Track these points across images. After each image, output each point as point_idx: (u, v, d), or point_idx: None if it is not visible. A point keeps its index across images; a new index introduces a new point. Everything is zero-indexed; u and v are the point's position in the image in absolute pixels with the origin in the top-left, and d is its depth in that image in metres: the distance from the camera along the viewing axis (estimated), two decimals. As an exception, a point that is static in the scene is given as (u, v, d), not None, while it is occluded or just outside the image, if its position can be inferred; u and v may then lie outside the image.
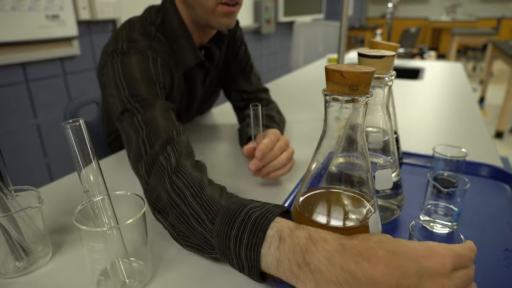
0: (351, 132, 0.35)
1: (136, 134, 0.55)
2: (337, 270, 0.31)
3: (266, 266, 0.36)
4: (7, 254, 0.41)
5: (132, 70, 0.62)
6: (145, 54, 0.64)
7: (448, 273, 0.31)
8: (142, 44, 0.65)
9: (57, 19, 1.44)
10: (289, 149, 0.62)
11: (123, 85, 0.61)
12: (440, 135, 0.86)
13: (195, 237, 0.42)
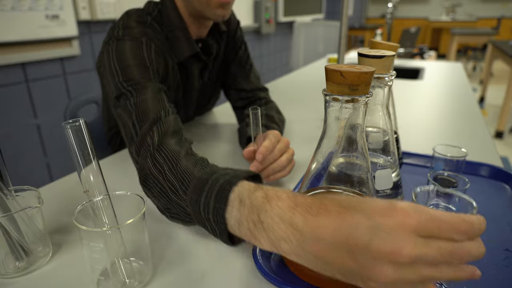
0: (351, 132, 0.35)
1: (129, 117, 0.57)
2: (287, 227, 0.31)
3: (231, 228, 0.39)
4: (7, 254, 0.41)
5: (126, 55, 0.63)
6: (139, 40, 0.65)
7: (412, 236, 0.27)
8: (137, 31, 0.66)
9: (57, 19, 1.44)
10: (289, 151, 0.62)
11: (117, 70, 0.62)
12: (440, 135, 0.86)
13: (174, 208, 0.46)
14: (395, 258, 0.27)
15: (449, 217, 0.28)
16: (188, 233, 0.48)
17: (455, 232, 0.27)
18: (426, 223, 0.27)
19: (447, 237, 0.28)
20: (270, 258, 0.42)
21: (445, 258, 0.27)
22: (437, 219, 0.27)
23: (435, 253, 0.27)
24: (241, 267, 0.42)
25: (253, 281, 0.39)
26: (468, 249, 0.28)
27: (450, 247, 0.27)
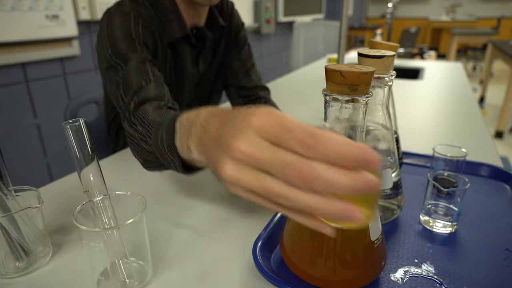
0: (351, 132, 0.35)
1: (117, 89, 0.63)
2: (199, 130, 0.37)
3: (181, 153, 0.43)
4: (7, 254, 0.41)
5: (114, 28, 0.66)
6: (128, 16, 0.67)
7: (254, 135, 0.26)
8: (127, 7, 0.69)
9: (57, 19, 1.44)
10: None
11: (106, 43, 0.66)
12: (440, 135, 0.86)
13: (148, 156, 0.53)
14: (231, 152, 0.27)
15: (301, 128, 0.25)
16: (188, 233, 0.49)
17: (299, 144, 0.25)
18: (272, 126, 0.26)
19: (290, 147, 0.25)
20: (270, 258, 0.42)
21: (280, 168, 0.25)
22: (285, 125, 0.26)
23: (269, 158, 0.25)
24: (241, 267, 0.42)
25: (253, 281, 0.39)
26: (317, 171, 0.24)
27: (289, 158, 0.25)
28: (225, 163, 0.28)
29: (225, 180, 0.29)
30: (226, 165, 0.28)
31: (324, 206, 0.25)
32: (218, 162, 0.29)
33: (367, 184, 0.24)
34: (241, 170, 0.28)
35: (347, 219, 0.25)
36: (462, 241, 0.46)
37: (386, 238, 0.46)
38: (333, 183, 0.24)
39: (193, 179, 0.64)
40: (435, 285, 0.38)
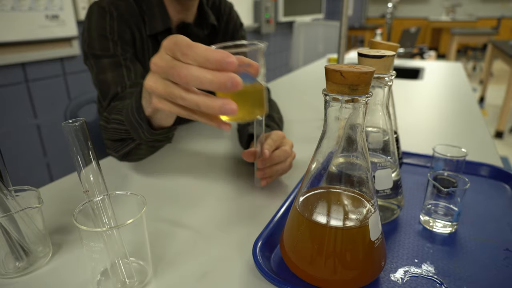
0: (351, 132, 0.35)
1: (96, 87, 0.69)
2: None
3: (146, 110, 0.48)
4: (7, 254, 0.41)
5: (91, 27, 0.69)
6: (104, 11, 0.69)
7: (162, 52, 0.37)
8: (106, 1, 0.70)
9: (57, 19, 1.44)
10: (292, 154, 0.61)
11: (85, 38, 0.69)
12: (440, 135, 0.86)
13: (118, 134, 0.58)
14: (150, 66, 0.38)
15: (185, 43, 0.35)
16: (188, 233, 0.49)
17: (181, 53, 0.35)
18: (171, 45, 0.36)
19: (177, 57, 0.35)
20: (270, 258, 0.42)
21: (170, 72, 0.35)
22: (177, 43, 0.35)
23: (164, 65, 0.36)
24: (241, 267, 0.42)
25: (253, 281, 0.39)
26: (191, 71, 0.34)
27: (175, 63, 0.35)
28: (147, 77, 0.39)
29: (148, 91, 0.42)
30: (147, 78, 0.39)
31: (209, 102, 0.36)
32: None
33: (228, 78, 0.34)
34: (154, 80, 0.38)
35: (227, 111, 0.35)
36: (462, 241, 0.46)
37: (386, 238, 0.46)
38: (202, 79, 0.34)
39: (193, 179, 0.64)
40: (435, 285, 0.38)
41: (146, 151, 0.63)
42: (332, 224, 0.36)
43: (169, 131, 0.55)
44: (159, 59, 0.37)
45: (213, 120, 0.40)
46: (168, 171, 0.67)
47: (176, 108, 0.40)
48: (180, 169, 0.68)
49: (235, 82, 0.34)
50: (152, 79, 0.39)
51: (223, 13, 0.87)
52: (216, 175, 0.65)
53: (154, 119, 0.51)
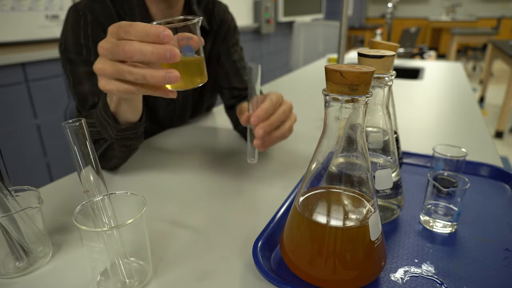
0: (351, 132, 0.35)
1: (73, 98, 0.70)
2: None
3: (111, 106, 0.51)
4: (7, 254, 0.41)
5: (67, 29, 0.68)
6: (79, 13, 0.68)
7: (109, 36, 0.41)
8: (82, 3, 0.70)
9: (57, 19, 1.44)
10: (291, 116, 0.58)
11: (61, 42, 0.69)
12: (440, 135, 0.86)
13: (93, 136, 0.58)
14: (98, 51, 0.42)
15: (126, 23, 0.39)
16: (188, 233, 0.49)
17: (123, 32, 0.39)
18: (115, 27, 0.40)
19: (120, 36, 0.39)
20: (270, 258, 0.42)
21: (116, 50, 0.39)
22: (119, 25, 0.39)
23: (110, 46, 0.40)
24: (241, 267, 0.42)
25: (253, 281, 0.39)
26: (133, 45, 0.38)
27: (118, 42, 0.39)
28: (96, 61, 0.43)
29: (98, 74, 0.43)
30: (96, 62, 0.43)
31: (154, 72, 0.39)
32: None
33: (167, 49, 0.38)
34: (102, 62, 0.42)
35: (171, 78, 0.39)
36: (462, 241, 0.46)
37: (386, 238, 0.46)
38: (144, 51, 0.38)
39: (193, 179, 0.64)
40: (435, 285, 0.38)
41: (119, 153, 0.62)
42: (332, 224, 0.36)
43: (136, 127, 0.57)
44: (105, 42, 0.41)
45: (160, 90, 0.44)
46: (168, 171, 0.67)
47: (124, 85, 0.43)
48: (180, 169, 0.68)
49: (174, 53, 0.38)
50: (100, 61, 0.42)
51: (216, 15, 0.85)
52: (216, 175, 0.65)
53: (119, 114, 0.53)
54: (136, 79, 0.41)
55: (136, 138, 0.59)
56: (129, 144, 0.61)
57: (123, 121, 0.55)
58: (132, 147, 0.63)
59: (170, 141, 0.83)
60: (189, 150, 0.78)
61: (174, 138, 0.86)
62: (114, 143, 0.58)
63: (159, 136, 0.87)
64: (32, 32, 1.37)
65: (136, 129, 0.57)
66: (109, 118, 0.53)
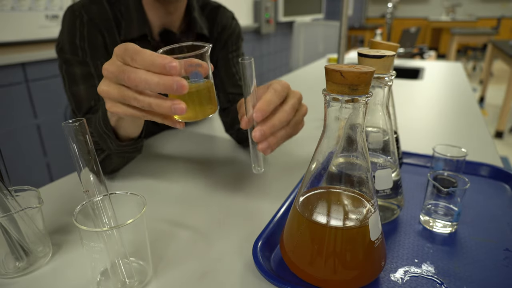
0: (351, 132, 0.35)
1: (68, 100, 0.68)
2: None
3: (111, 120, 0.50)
4: (7, 254, 0.41)
5: (64, 28, 0.68)
6: (75, 14, 0.68)
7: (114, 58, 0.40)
8: (78, 5, 0.69)
9: (57, 19, 1.44)
10: (301, 109, 0.50)
11: (58, 41, 0.68)
12: (440, 135, 0.86)
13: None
14: (103, 72, 0.40)
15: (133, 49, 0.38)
16: (188, 233, 0.49)
17: (130, 59, 0.38)
18: (121, 51, 0.38)
19: (127, 62, 0.38)
20: (270, 258, 0.42)
21: (121, 76, 0.38)
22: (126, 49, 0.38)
23: (115, 70, 0.39)
24: (241, 267, 0.42)
25: (253, 281, 0.39)
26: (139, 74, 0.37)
27: (125, 68, 0.38)
28: (100, 82, 0.42)
29: (103, 96, 0.42)
30: (100, 83, 0.42)
31: (160, 102, 0.38)
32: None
33: (174, 81, 0.36)
34: (107, 84, 0.41)
35: (177, 110, 0.38)
36: (462, 241, 0.46)
37: (386, 238, 0.46)
38: (149, 81, 0.37)
39: (193, 179, 0.64)
40: (435, 285, 0.38)
41: (118, 162, 0.62)
42: (332, 224, 0.36)
43: (136, 143, 0.56)
44: (111, 65, 0.40)
45: (167, 119, 0.43)
46: (168, 171, 0.67)
47: (130, 110, 0.42)
48: (180, 169, 0.68)
49: (180, 85, 0.37)
50: (105, 83, 0.41)
51: (219, 22, 0.84)
52: (216, 175, 0.65)
53: (119, 129, 0.52)
54: (142, 106, 0.40)
55: (135, 151, 0.58)
56: (128, 156, 0.61)
57: (123, 135, 0.54)
58: (130, 158, 0.63)
59: (170, 141, 0.83)
60: (189, 150, 0.78)
61: (174, 138, 0.86)
62: (112, 154, 0.58)
63: (159, 136, 0.87)
64: (32, 32, 1.37)
65: (136, 145, 0.56)
66: (109, 132, 0.52)
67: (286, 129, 0.48)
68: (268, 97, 0.45)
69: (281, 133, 0.48)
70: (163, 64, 0.36)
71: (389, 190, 0.48)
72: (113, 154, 0.58)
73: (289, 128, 0.49)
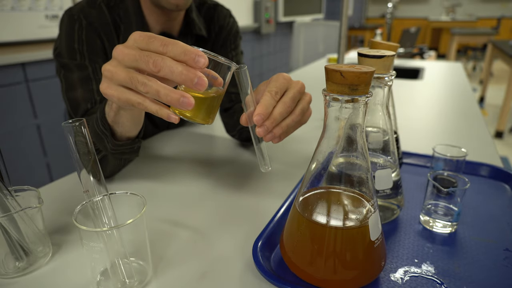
0: (351, 132, 0.35)
1: (65, 103, 0.68)
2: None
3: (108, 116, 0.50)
4: (7, 254, 0.41)
5: (62, 32, 0.67)
6: (73, 18, 0.67)
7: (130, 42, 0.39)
8: (76, 9, 0.69)
9: (57, 19, 1.44)
10: (304, 98, 0.51)
11: (56, 46, 0.68)
12: (440, 135, 0.86)
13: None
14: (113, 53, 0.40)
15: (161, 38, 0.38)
16: (188, 233, 0.49)
17: (160, 45, 0.37)
18: (144, 37, 0.38)
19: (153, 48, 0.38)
20: (270, 258, 0.42)
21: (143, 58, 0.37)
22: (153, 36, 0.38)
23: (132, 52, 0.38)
24: (241, 267, 0.42)
25: (253, 281, 0.39)
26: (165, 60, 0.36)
27: (146, 52, 0.38)
28: (107, 63, 0.40)
29: (104, 75, 0.41)
30: (107, 63, 0.40)
31: (169, 91, 0.37)
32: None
33: (197, 75, 0.36)
34: (115, 65, 0.40)
35: (184, 103, 0.37)
36: (462, 241, 0.46)
37: (386, 238, 0.46)
38: (174, 69, 0.36)
39: (193, 179, 0.64)
40: (435, 285, 0.38)
41: (114, 164, 0.61)
42: (332, 224, 0.36)
43: (133, 143, 0.55)
44: (128, 47, 0.39)
45: (163, 111, 0.41)
46: (168, 171, 0.67)
47: (126, 95, 0.40)
48: (180, 169, 0.68)
49: (202, 81, 0.36)
50: (113, 64, 0.40)
51: (216, 22, 0.84)
52: (216, 175, 0.65)
53: (117, 126, 0.51)
54: (147, 92, 0.38)
55: (132, 153, 0.58)
56: (124, 158, 0.60)
57: (121, 135, 0.53)
58: (127, 160, 0.62)
59: (170, 142, 0.83)
60: (189, 150, 0.78)
61: (173, 138, 0.86)
62: (108, 154, 0.57)
63: (159, 137, 0.87)
64: (32, 32, 1.37)
65: (133, 145, 0.56)
66: (106, 131, 0.52)
67: (292, 117, 0.48)
68: (265, 101, 0.45)
69: (287, 121, 0.47)
70: (194, 55, 0.36)
71: (389, 190, 0.48)
72: (109, 155, 0.57)
73: (296, 116, 0.48)
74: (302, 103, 0.50)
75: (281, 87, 0.48)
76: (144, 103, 0.41)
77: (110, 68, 0.40)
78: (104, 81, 0.41)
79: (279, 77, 0.49)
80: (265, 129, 0.45)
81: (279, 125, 0.46)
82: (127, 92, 0.40)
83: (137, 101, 0.40)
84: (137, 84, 0.38)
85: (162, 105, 0.41)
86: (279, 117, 0.46)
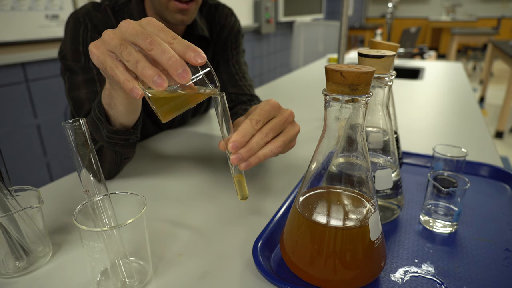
0: (351, 132, 0.35)
1: (69, 103, 0.69)
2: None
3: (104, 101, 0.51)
4: (7, 254, 0.41)
5: (67, 35, 0.68)
6: (79, 21, 0.68)
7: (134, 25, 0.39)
8: (81, 12, 0.69)
9: (57, 19, 1.45)
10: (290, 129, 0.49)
11: (61, 49, 0.69)
12: (440, 135, 0.86)
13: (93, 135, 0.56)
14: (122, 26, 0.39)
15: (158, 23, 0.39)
16: (188, 233, 0.49)
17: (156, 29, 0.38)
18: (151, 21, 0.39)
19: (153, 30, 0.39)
20: (270, 258, 0.42)
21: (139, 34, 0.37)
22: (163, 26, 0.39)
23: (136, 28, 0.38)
24: (241, 267, 0.42)
25: (253, 281, 0.39)
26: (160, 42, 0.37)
27: (148, 32, 0.38)
28: (112, 29, 0.40)
29: (101, 38, 0.41)
30: (111, 30, 0.40)
31: (146, 66, 0.37)
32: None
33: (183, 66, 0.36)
34: (116, 33, 0.40)
35: (158, 80, 0.36)
36: (462, 241, 0.46)
37: (386, 238, 0.46)
38: (165, 51, 0.36)
39: (193, 179, 0.64)
40: (435, 285, 0.38)
41: (110, 159, 0.59)
42: (332, 224, 0.36)
43: (128, 133, 0.55)
44: (132, 23, 0.39)
45: (128, 83, 0.39)
46: (168, 171, 0.67)
47: (104, 56, 0.40)
48: (180, 169, 0.68)
49: (185, 73, 0.36)
50: (115, 31, 0.40)
51: (217, 21, 0.84)
52: (216, 175, 0.65)
53: (110, 109, 0.51)
54: (128, 60, 0.38)
55: (128, 146, 0.57)
56: (120, 151, 0.58)
57: (115, 119, 0.52)
58: (123, 156, 0.60)
59: (170, 142, 0.83)
60: (189, 150, 0.78)
61: (173, 138, 0.86)
62: (104, 145, 0.56)
63: (159, 137, 0.87)
64: (32, 32, 1.37)
65: (127, 135, 0.55)
66: (102, 116, 0.52)
67: (271, 148, 0.47)
68: (243, 129, 0.44)
69: (264, 151, 0.46)
70: (198, 51, 0.36)
71: (389, 190, 0.48)
72: (105, 146, 0.56)
73: (275, 148, 0.47)
74: (286, 135, 0.48)
75: (265, 115, 0.47)
76: (116, 69, 0.40)
77: (110, 33, 0.40)
78: (97, 41, 0.41)
79: (266, 104, 0.48)
80: (238, 157, 0.43)
81: (256, 155, 0.45)
82: (107, 55, 0.40)
83: (110, 65, 0.40)
84: (123, 50, 0.38)
85: (132, 79, 0.39)
86: (256, 146, 0.44)
